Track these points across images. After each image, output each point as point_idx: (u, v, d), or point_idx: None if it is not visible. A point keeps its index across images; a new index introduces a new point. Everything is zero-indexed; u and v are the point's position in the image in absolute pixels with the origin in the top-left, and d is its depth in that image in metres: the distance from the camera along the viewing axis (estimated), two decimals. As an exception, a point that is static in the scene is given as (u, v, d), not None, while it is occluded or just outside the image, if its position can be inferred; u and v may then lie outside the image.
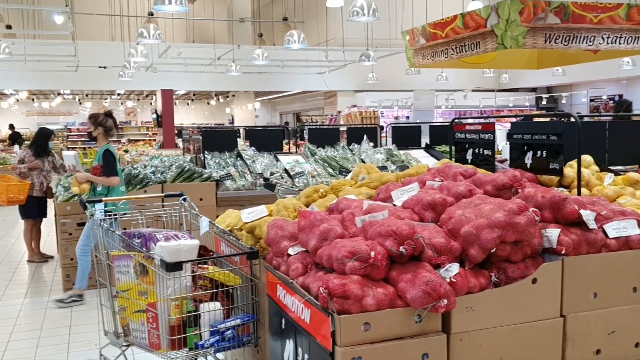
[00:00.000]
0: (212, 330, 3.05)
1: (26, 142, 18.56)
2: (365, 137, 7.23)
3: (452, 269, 2.39)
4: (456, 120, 4.24)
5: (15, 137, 20.29)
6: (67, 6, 11.85)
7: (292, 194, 4.46)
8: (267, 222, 3.25)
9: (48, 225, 8.42)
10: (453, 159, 4.13)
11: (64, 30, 14.07)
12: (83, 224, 6.17)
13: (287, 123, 22.61)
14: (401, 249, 2.40)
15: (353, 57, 14.78)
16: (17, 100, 27.42)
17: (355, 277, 2.34)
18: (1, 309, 5.77)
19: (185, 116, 30.18)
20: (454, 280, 2.36)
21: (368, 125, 10.06)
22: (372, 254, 2.36)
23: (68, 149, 20.91)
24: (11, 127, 22.41)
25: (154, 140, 23.00)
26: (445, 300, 2.27)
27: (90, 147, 24.84)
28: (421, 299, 2.27)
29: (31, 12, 18.79)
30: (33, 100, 27.80)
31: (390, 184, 3.23)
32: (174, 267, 2.97)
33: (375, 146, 7.25)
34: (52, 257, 7.80)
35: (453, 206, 2.72)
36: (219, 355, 3.62)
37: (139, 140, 24.31)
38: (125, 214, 5.69)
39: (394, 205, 2.98)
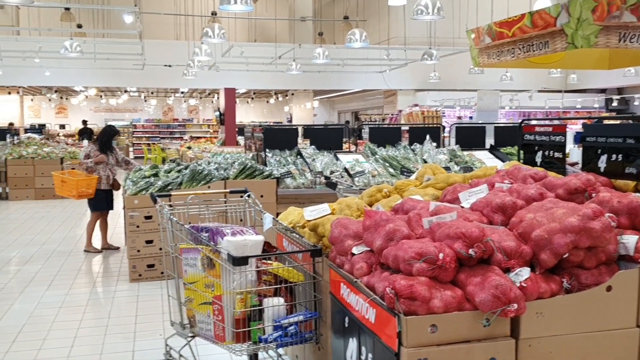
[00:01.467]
0: (275, 325, 3.09)
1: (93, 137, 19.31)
2: (428, 137, 7.15)
3: (523, 274, 2.34)
4: (525, 122, 4.14)
5: (82, 132, 21.13)
6: (136, 6, 12.25)
7: (353, 193, 4.47)
8: (330, 221, 3.27)
9: (114, 218, 8.73)
10: (521, 161, 4.03)
11: (132, 30, 14.55)
12: (150, 217, 6.37)
13: (347, 122, 22.59)
14: (470, 251, 2.36)
15: (414, 55, 14.64)
16: (86, 97, 28.53)
17: (422, 279, 2.32)
18: (71, 297, 6.01)
19: (245, 114, 30.66)
20: (524, 285, 2.31)
21: (430, 125, 9.93)
22: (441, 255, 2.34)
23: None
24: (84, 122, 23.34)
25: (215, 137, 23.47)
26: (515, 305, 2.22)
27: (153, 143, 25.62)
28: (490, 303, 2.23)
29: (100, 12, 19.52)
30: (101, 97, 28.86)
31: (458, 186, 3.18)
32: (240, 261, 3.02)
33: (438, 146, 7.17)
34: (118, 248, 8.08)
35: (523, 209, 2.66)
36: (279, 350, 3.66)
37: (200, 138, 24.86)
38: None
39: (462, 207, 2.94)
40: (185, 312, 3.54)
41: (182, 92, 27.91)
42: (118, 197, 8.74)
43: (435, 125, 9.22)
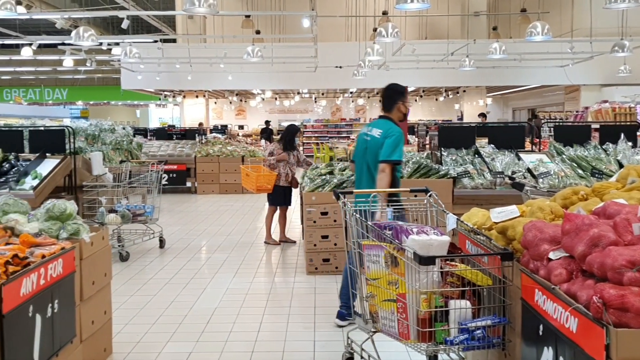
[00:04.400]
0: (461, 328, 3.03)
1: (274, 137, 20.56)
2: (622, 135, 6.54)
3: None
4: None
5: (263, 132, 22.58)
6: (313, 10, 12.75)
7: (541, 195, 4.23)
8: (521, 223, 3.13)
9: (289, 213, 9.18)
10: None
11: (307, 34, 15.18)
12: (326, 213, 6.59)
13: (530, 119, 21.53)
14: (694, 262, 2.12)
15: (601, 48, 13.52)
16: (263, 99, 30.33)
17: (635, 289, 2.13)
18: (255, 285, 6.43)
19: (413, 113, 30.46)
20: None
21: (623, 123, 9.09)
22: (658, 265, 2.12)
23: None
24: (267, 123, 24.89)
25: (381, 136, 23.56)
26: None
27: (322, 143, 26.50)
28: None
29: (277, 18, 20.60)
30: (276, 99, 30.48)
31: (670, 189, 2.87)
32: (427, 261, 3.00)
33: (634, 146, 6.52)
34: (294, 241, 8.49)
35: None
36: (461, 353, 3.58)
37: (367, 137, 25.14)
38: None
39: (677, 212, 2.64)
40: (367, 307, 3.61)
41: (351, 92, 28.51)
42: (295, 193, 9.18)
43: (630, 123, 8.42)
